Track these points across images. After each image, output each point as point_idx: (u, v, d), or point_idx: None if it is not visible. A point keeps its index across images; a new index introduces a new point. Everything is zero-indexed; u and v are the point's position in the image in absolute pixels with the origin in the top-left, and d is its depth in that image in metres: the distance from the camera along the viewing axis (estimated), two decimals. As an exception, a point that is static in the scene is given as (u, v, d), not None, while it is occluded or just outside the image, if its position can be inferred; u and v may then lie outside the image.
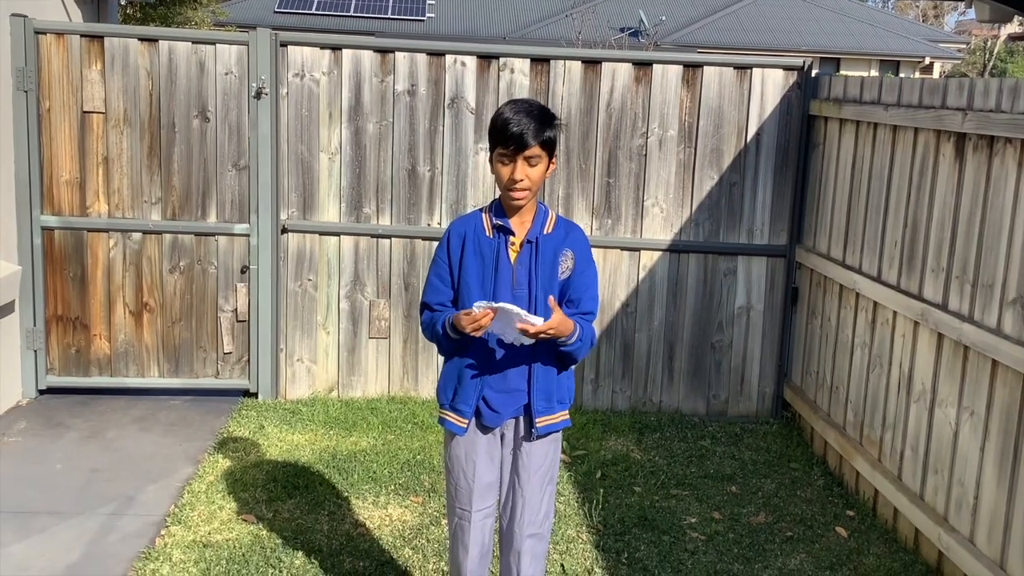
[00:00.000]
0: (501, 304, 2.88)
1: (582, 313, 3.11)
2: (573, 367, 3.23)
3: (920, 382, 4.36)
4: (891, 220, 4.68)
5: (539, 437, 3.15)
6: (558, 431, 3.20)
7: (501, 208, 3.08)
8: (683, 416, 5.97)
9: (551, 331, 2.91)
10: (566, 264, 3.09)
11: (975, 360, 3.92)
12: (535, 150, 2.94)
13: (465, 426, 3.13)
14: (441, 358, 3.20)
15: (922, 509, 4.23)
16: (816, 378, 5.56)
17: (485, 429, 3.15)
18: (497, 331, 2.98)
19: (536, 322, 2.88)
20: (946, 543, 4.01)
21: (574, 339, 3.02)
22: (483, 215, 3.11)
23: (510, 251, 3.07)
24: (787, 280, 5.88)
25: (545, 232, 3.08)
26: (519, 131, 2.90)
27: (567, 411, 3.21)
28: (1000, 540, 3.70)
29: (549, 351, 3.08)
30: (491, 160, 3.03)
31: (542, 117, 2.96)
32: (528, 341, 2.96)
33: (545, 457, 3.18)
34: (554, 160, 3.05)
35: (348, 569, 3.98)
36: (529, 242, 3.06)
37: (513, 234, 3.07)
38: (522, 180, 2.95)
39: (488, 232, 3.07)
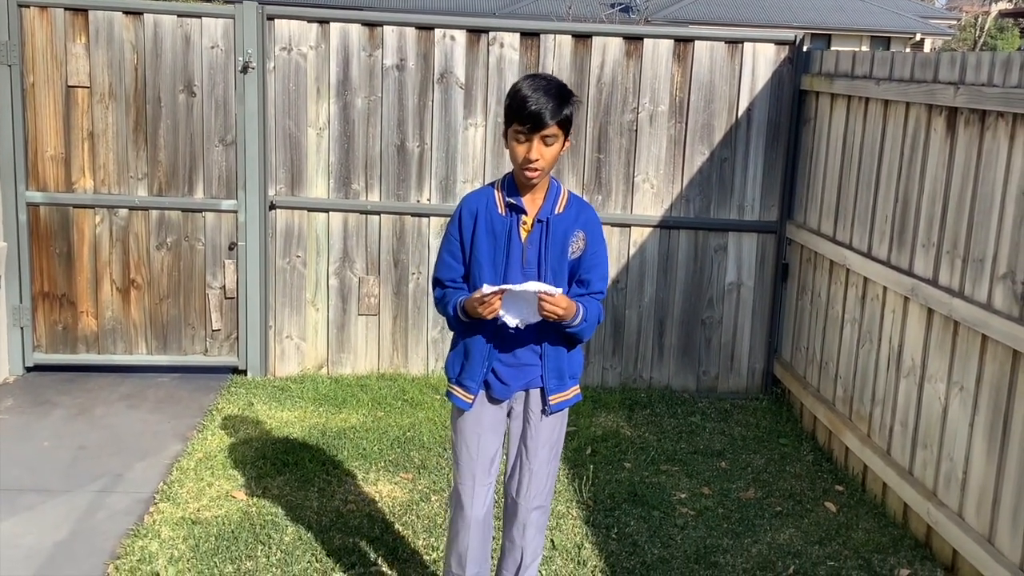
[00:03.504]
0: (511, 286, 2.88)
1: (592, 293, 3.14)
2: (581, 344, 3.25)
3: (910, 357, 4.36)
4: (882, 195, 4.66)
5: (551, 414, 3.17)
6: (570, 406, 3.22)
7: (513, 184, 3.07)
8: (673, 392, 5.97)
9: (560, 310, 2.93)
10: (577, 245, 3.09)
11: (965, 335, 3.92)
12: (552, 129, 2.92)
13: (471, 401, 3.14)
14: (432, 335, 3.18)
15: (911, 484, 4.24)
16: (806, 354, 5.56)
17: (494, 401, 3.16)
18: (505, 312, 2.97)
19: (554, 291, 2.90)
20: (935, 517, 4.02)
21: (578, 320, 3.03)
22: (495, 191, 3.10)
23: (521, 230, 3.06)
24: (777, 256, 5.87)
25: (556, 212, 3.06)
26: (537, 110, 2.88)
27: (578, 384, 3.23)
28: (989, 514, 3.71)
29: (556, 331, 3.09)
30: (505, 135, 3.00)
31: (560, 95, 2.94)
32: (535, 319, 2.97)
33: (553, 431, 3.20)
34: (568, 140, 3.04)
35: (338, 545, 3.97)
36: (540, 221, 3.05)
37: (525, 212, 3.06)
38: (537, 160, 2.93)
39: (500, 209, 3.06)
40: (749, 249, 5.88)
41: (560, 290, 2.94)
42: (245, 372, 5.91)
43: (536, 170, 2.96)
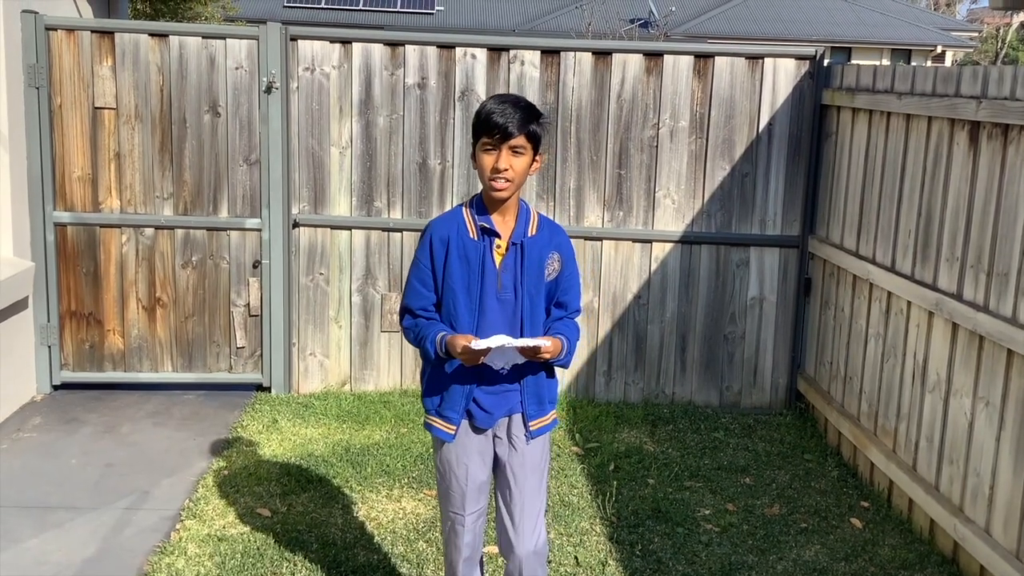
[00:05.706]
0: (498, 343, 2.85)
1: (571, 314, 3.15)
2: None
3: (935, 372, 4.34)
4: (905, 209, 4.65)
5: (533, 439, 3.15)
6: (550, 431, 3.21)
7: (483, 205, 3.02)
8: (696, 408, 5.95)
9: (547, 354, 2.95)
10: (553, 266, 3.07)
11: (990, 350, 3.90)
12: (520, 140, 2.90)
13: (453, 432, 3.10)
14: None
15: (937, 499, 4.21)
16: (830, 369, 5.53)
17: (477, 430, 3.13)
18: (489, 361, 2.97)
19: (544, 343, 2.89)
20: (962, 534, 3.99)
21: (563, 353, 3.05)
22: (464, 213, 3.05)
23: (495, 254, 3.02)
24: (800, 271, 5.86)
25: (529, 234, 3.03)
26: (504, 121, 2.87)
27: (555, 410, 3.23)
28: (1016, 530, 3.68)
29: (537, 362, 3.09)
30: (473, 154, 2.98)
31: (528, 109, 2.94)
32: (520, 360, 2.98)
33: (540, 455, 3.18)
34: (539, 158, 3.01)
35: (362, 562, 3.99)
36: (514, 244, 3.01)
37: (499, 236, 3.02)
38: (507, 170, 2.90)
39: (472, 234, 3.01)
40: (771, 264, 5.88)
41: (546, 342, 2.91)
42: (269, 389, 5.95)
43: (505, 181, 2.91)
